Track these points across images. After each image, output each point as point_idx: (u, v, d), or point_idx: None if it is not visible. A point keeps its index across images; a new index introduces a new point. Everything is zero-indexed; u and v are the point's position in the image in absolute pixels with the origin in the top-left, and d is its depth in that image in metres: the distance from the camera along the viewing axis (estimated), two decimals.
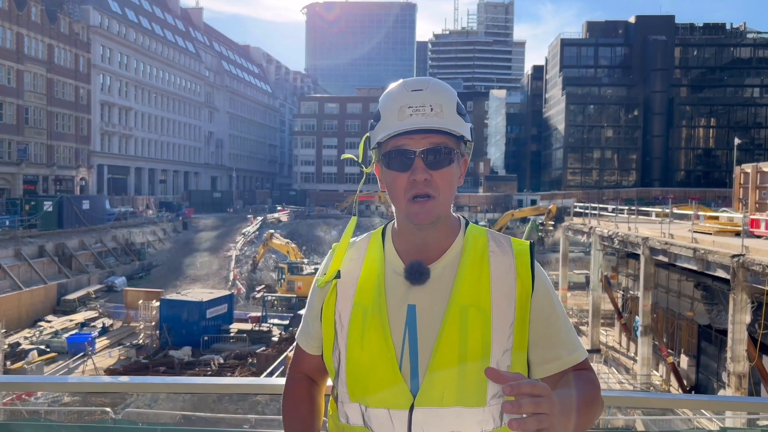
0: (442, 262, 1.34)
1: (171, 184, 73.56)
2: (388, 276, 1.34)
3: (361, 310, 1.32)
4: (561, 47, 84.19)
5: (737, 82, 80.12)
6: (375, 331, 1.29)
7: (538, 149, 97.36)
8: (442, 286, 1.31)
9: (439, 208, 1.31)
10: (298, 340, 1.50)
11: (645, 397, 2.44)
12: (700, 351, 19.49)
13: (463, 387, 1.25)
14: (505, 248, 1.37)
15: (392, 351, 1.27)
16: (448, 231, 1.38)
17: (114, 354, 23.30)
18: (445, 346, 1.25)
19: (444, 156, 1.31)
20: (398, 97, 1.32)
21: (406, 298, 1.31)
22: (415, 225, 1.33)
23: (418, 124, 1.28)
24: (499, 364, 1.27)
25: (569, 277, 31.76)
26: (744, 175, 23.36)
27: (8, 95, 46.50)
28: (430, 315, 1.28)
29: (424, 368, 1.26)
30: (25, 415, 13.04)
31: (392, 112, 1.31)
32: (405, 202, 1.31)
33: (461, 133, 1.32)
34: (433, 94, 1.31)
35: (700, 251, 15.88)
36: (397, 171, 1.31)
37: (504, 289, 1.31)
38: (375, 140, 1.35)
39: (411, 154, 1.30)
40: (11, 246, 32.51)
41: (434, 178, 1.30)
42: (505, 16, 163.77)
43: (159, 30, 70.99)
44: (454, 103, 1.33)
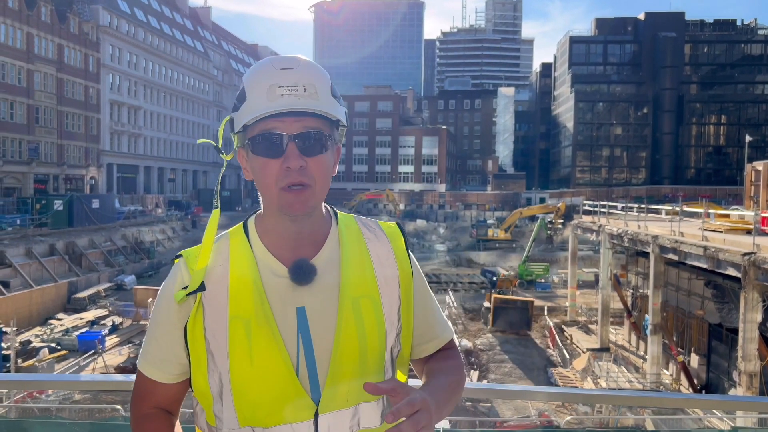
0: (322, 256, 1.23)
1: (180, 182, 73.88)
2: (266, 279, 1.20)
3: (242, 324, 1.16)
4: (570, 44, 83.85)
5: (748, 78, 79.53)
6: (265, 343, 1.15)
7: (546, 147, 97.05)
8: (328, 281, 1.21)
9: (315, 198, 1.20)
10: (146, 371, 1.26)
11: (655, 396, 2.42)
12: (710, 350, 19.37)
13: (365, 381, 1.16)
14: (378, 233, 1.31)
15: (288, 362, 1.15)
16: (322, 222, 1.28)
17: (124, 352, 23.42)
18: (345, 344, 1.18)
19: (318, 141, 1.19)
20: (267, 75, 1.18)
21: (292, 300, 1.19)
22: (289, 217, 1.20)
23: (290, 106, 1.15)
24: (392, 350, 1.24)
25: (578, 276, 31.67)
26: (755, 173, 23.17)
27: (19, 95, 46.82)
28: (322, 314, 1.19)
29: (324, 372, 1.17)
30: (36, 413, 13.14)
31: (260, 91, 1.17)
32: (277, 191, 1.18)
33: (337, 116, 1.21)
34: (306, 73, 1.18)
35: (711, 249, 15.78)
36: (267, 157, 1.18)
37: (387, 274, 1.26)
38: (241, 123, 1.20)
39: (282, 139, 1.17)
40: (22, 244, 32.75)
41: (309, 165, 1.18)
42: (513, 13, 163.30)
43: (168, 29, 71.27)
44: (328, 84, 1.21)
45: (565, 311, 30.58)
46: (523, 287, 36.74)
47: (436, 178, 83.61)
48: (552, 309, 31.15)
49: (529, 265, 38.91)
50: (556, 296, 35.10)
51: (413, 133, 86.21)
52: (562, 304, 31.99)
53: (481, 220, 59.11)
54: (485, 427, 10.82)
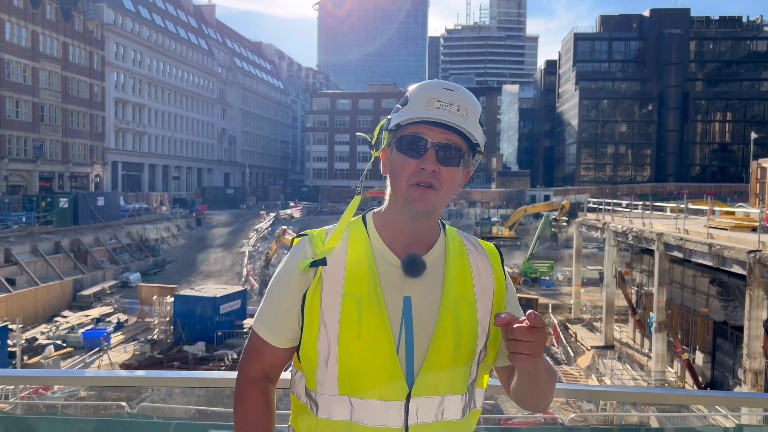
0: (432, 256, 1.37)
1: (184, 180, 74.01)
2: (381, 266, 1.33)
3: (355, 300, 1.29)
4: (574, 41, 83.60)
5: (754, 75, 79.15)
6: (374, 321, 1.28)
7: (551, 144, 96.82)
8: (436, 279, 1.35)
9: (438, 202, 1.33)
10: (260, 331, 1.40)
11: (659, 393, 2.42)
12: (715, 347, 19.32)
13: (454, 376, 1.31)
14: (479, 248, 1.45)
15: (392, 342, 1.28)
16: (436, 227, 1.42)
17: (129, 349, 23.51)
18: (443, 337, 1.30)
19: (455, 155, 1.33)
20: (430, 90, 1.34)
21: (401, 289, 1.31)
22: (410, 213, 1.34)
23: (442, 117, 1.30)
24: (480, 354, 1.36)
25: (583, 273, 31.60)
26: (761, 170, 23.10)
27: (24, 93, 46.97)
28: (426, 306, 1.32)
29: (421, 359, 1.29)
30: (42, 409, 13.22)
31: (421, 100, 1.33)
32: (407, 186, 1.32)
33: (477, 140, 1.34)
34: (463, 97, 1.34)
35: (716, 247, 15.73)
36: (409, 156, 1.33)
37: (484, 285, 1.39)
38: (396, 120, 1.35)
39: (426, 143, 1.32)
40: (28, 242, 32.89)
41: (441, 172, 1.32)
42: (517, 10, 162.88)
43: (172, 27, 71.35)
44: (479, 113, 1.36)
45: (570, 309, 30.54)
46: (527, 285, 36.69)
47: None
48: (556, 306, 31.11)
49: (534, 262, 38.84)
50: (560, 294, 35.05)
51: None
52: (567, 302, 31.95)
53: (486, 217, 59.03)
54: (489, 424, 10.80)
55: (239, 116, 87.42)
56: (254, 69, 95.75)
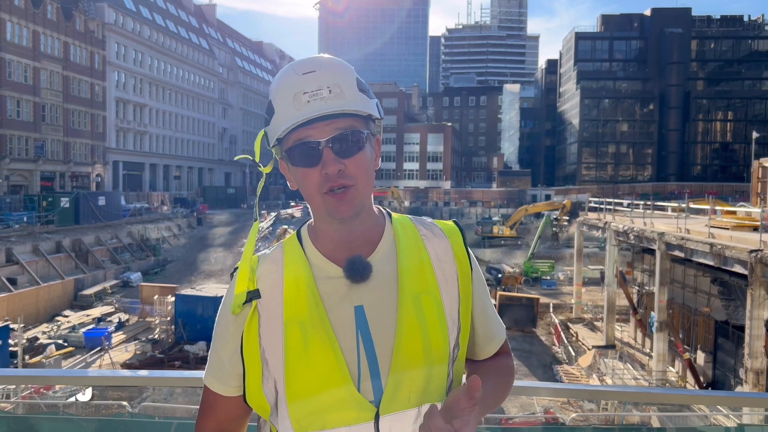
0: (378, 254, 1.21)
1: (185, 180, 74.05)
2: (321, 282, 1.19)
3: (298, 326, 1.15)
4: (575, 41, 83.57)
5: (755, 74, 79.08)
6: (320, 345, 1.13)
7: (552, 144, 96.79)
8: (387, 278, 1.19)
9: (359, 197, 1.18)
10: (209, 383, 1.25)
11: (660, 393, 2.41)
12: (716, 347, 19.31)
13: (429, 382, 1.16)
14: (436, 230, 1.28)
15: (342, 363, 1.13)
16: (374, 221, 1.25)
17: (130, 349, 23.53)
18: (407, 340, 1.15)
19: (354, 141, 1.17)
20: (290, 84, 1.16)
21: (349, 300, 1.17)
22: (337, 220, 1.19)
23: (318, 111, 1.13)
24: (453, 351, 1.21)
25: (584, 273, 31.60)
26: (762, 170, 23.07)
27: (25, 92, 47.00)
28: (382, 312, 1.16)
29: (386, 371, 1.14)
30: (43, 409, 13.23)
31: (287, 101, 1.16)
32: (321, 197, 1.17)
33: (368, 111, 1.18)
34: (327, 74, 1.16)
35: (717, 246, 15.72)
36: (305, 167, 1.17)
37: (446, 271, 1.23)
38: (274, 136, 1.18)
39: (317, 146, 1.15)
40: (29, 242, 32.92)
41: (348, 166, 1.16)
42: (518, 9, 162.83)
43: (173, 27, 71.37)
44: (353, 79, 1.19)
45: (571, 308, 30.53)
46: (528, 284, 36.69)
47: (441, 175, 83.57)
48: (557, 306, 31.12)
49: (535, 262, 38.84)
50: (561, 293, 35.04)
51: (418, 130, 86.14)
52: (568, 302, 31.94)
53: (486, 217, 59.00)
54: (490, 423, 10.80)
55: (240, 116, 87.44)
56: (255, 69, 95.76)
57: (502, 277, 36.04)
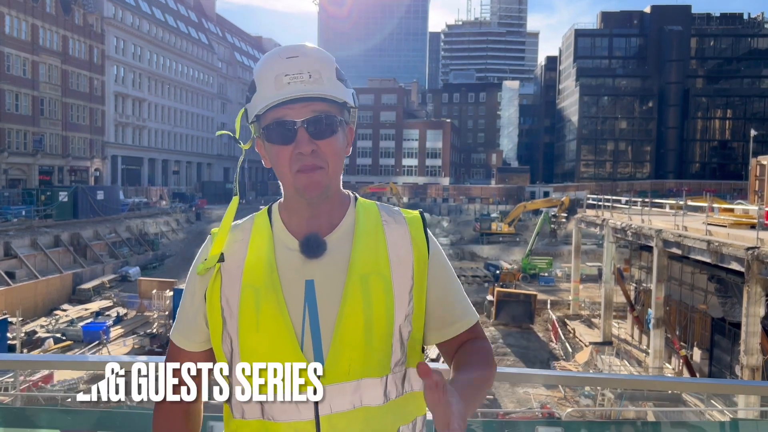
0: (336, 234, 1.28)
1: (184, 174, 73.97)
2: (280, 253, 1.27)
3: (253, 291, 1.23)
4: (575, 38, 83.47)
5: (754, 72, 79.06)
6: (271, 311, 1.20)
7: (551, 141, 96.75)
8: (340, 257, 1.25)
9: (328, 179, 1.26)
10: (174, 338, 1.34)
11: (654, 380, 2.45)
12: (713, 344, 19.39)
13: (369, 357, 1.20)
14: (398, 217, 1.34)
15: (291, 329, 1.20)
16: (339, 204, 1.33)
17: (128, 343, 23.57)
18: (349, 316, 1.20)
19: (328, 125, 1.25)
20: (273, 66, 1.25)
21: (302, 273, 1.24)
22: (306, 200, 1.27)
23: (297, 92, 1.21)
24: (402, 330, 1.24)
25: (581, 270, 31.67)
26: (760, 167, 23.13)
27: (24, 86, 46.90)
28: (330, 287, 1.23)
29: (328, 343, 1.20)
30: (41, 402, 13.26)
31: (269, 81, 1.24)
32: (291, 175, 1.25)
33: (343, 99, 1.27)
34: (310, 60, 1.24)
35: (714, 244, 15.77)
36: (280, 144, 1.25)
37: (401, 255, 1.28)
38: (253, 113, 1.29)
39: (293, 125, 1.23)
40: (27, 236, 32.90)
41: (321, 148, 1.24)
42: (518, 6, 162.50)
43: (172, 21, 71.17)
44: (333, 68, 1.27)
45: (568, 305, 30.60)
46: (526, 281, 36.76)
47: (440, 172, 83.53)
48: (555, 303, 31.19)
49: (533, 258, 38.91)
50: (559, 290, 35.11)
51: (417, 126, 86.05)
52: (565, 298, 32.01)
53: (485, 213, 59.05)
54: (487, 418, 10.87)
55: (239, 111, 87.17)
56: (254, 64, 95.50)
57: (500, 273, 36.09)
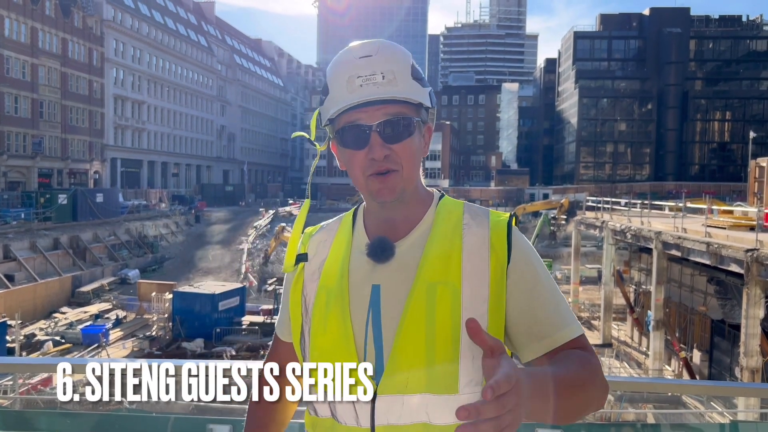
0: (409, 239, 1.24)
1: (183, 177, 73.96)
2: (354, 256, 1.25)
3: (326, 293, 1.23)
4: (574, 40, 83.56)
5: (753, 75, 79.15)
6: (336, 314, 1.20)
7: (550, 143, 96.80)
8: (409, 263, 1.20)
9: (402, 183, 1.21)
10: (276, 328, 1.43)
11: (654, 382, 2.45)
12: (712, 346, 19.38)
13: (431, 372, 1.12)
14: (482, 221, 1.24)
15: (350, 334, 1.18)
16: (418, 206, 1.27)
17: (127, 345, 23.54)
18: (410, 327, 1.14)
19: (403, 128, 1.20)
20: (346, 67, 1.20)
21: (370, 278, 1.21)
22: (380, 203, 1.23)
23: (369, 96, 1.16)
24: (473, 348, 1.10)
25: (581, 272, 31.65)
26: (759, 169, 23.15)
27: (23, 89, 46.91)
28: (395, 294, 1.18)
29: (388, 353, 1.15)
30: (41, 405, 13.24)
31: (341, 83, 1.19)
32: (364, 180, 1.21)
33: (419, 100, 1.21)
34: (383, 59, 1.19)
35: (714, 245, 15.77)
36: (353, 149, 1.21)
37: (477, 263, 1.18)
38: (326, 117, 1.24)
39: (366, 129, 1.19)
40: (27, 238, 32.88)
41: (395, 151, 1.19)
42: (517, 8, 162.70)
43: (171, 24, 71.23)
44: (409, 66, 1.21)
45: None
46: None
47: (439, 174, 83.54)
48: None
49: None
50: None
51: None
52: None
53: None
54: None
55: (238, 113, 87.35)
56: (253, 66, 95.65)
57: None
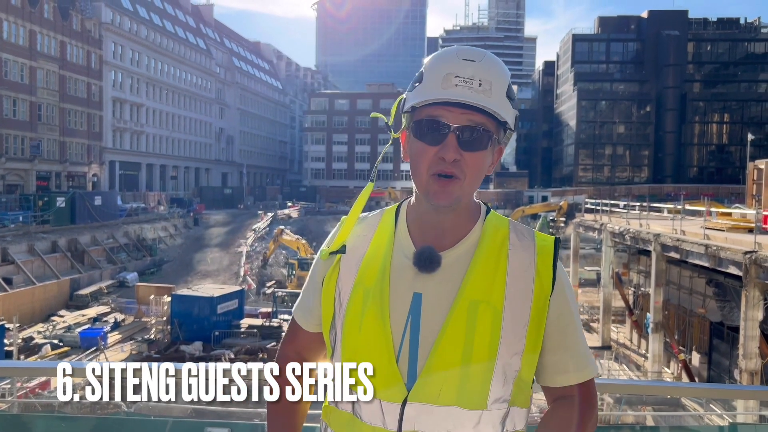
0: (455, 251, 1.23)
1: (182, 180, 73.93)
2: (396, 258, 1.24)
3: (363, 291, 1.22)
4: (572, 42, 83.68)
5: (751, 77, 79.29)
6: (374, 315, 1.20)
7: (549, 145, 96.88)
8: (453, 276, 1.20)
9: (461, 192, 1.20)
10: (295, 314, 1.39)
11: (654, 385, 2.44)
12: (711, 348, 19.37)
13: (463, 387, 1.15)
14: (527, 243, 1.24)
15: (389, 338, 1.18)
16: (467, 218, 1.26)
17: (126, 349, 23.49)
18: (449, 342, 1.16)
19: (480, 138, 1.19)
20: (447, 63, 1.20)
21: (412, 284, 1.20)
22: (432, 205, 1.22)
23: (461, 97, 1.16)
24: (506, 367, 1.17)
25: (580, 274, 31.66)
26: (757, 171, 23.17)
27: (21, 92, 46.89)
28: (437, 306, 1.18)
29: (423, 361, 1.16)
30: (38, 408, 13.20)
31: (437, 77, 1.19)
32: (427, 177, 1.20)
33: (504, 118, 1.20)
34: (485, 68, 1.20)
35: (713, 248, 15.77)
36: (427, 143, 1.20)
37: (521, 287, 1.19)
38: (410, 103, 1.22)
39: (446, 128, 1.18)
40: (25, 241, 32.83)
41: (464, 159, 1.18)
42: (516, 11, 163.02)
43: (170, 26, 71.27)
44: (506, 84, 1.22)
45: None
46: None
47: None
48: None
49: None
50: None
51: None
52: None
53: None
54: None
55: (237, 116, 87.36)
56: (252, 69, 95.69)
57: None
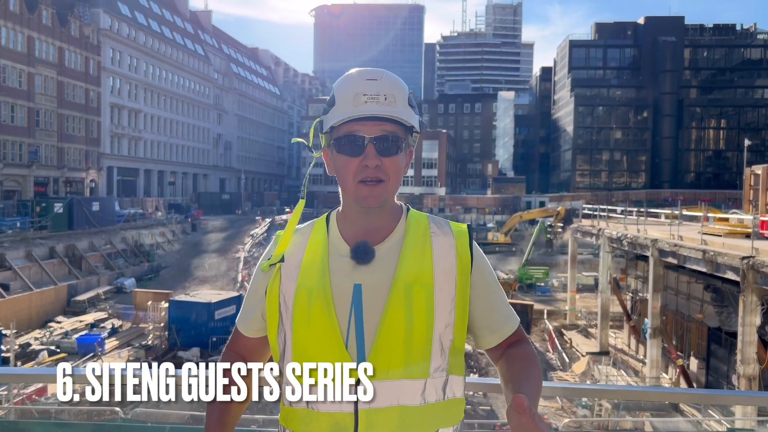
0: (386, 244, 1.40)
1: (180, 185, 73.86)
2: (333, 258, 1.39)
3: (306, 291, 1.36)
4: (569, 48, 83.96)
5: (747, 83, 79.60)
6: (320, 309, 1.33)
7: (546, 151, 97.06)
8: (387, 265, 1.37)
9: (387, 193, 1.39)
10: (237, 324, 1.54)
11: (650, 391, 2.44)
12: (709, 353, 19.37)
13: (408, 360, 1.31)
14: (446, 229, 1.45)
15: (336, 328, 1.32)
16: (393, 216, 1.45)
17: (123, 355, 23.41)
18: (391, 322, 1.31)
19: (394, 144, 1.38)
20: (354, 84, 1.38)
21: (351, 277, 1.36)
22: (362, 208, 1.40)
23: (372, 111, 1.34)
24: (442, 338, 1.35)
25: (578, 279, 31.66)
26: (754, 177, 23.21)
27: (19, 98, 46.88)
28: (376, 293, 1.34)
29: (370, 344, 1.31)
30: (35, 415, 13.14)
31: (348, 98, 1.37)
32: (354, 184, 1.38)
33: (411, 123, 1.39)
34: (386, 84, 1.38)
35: (710, 253, 15.79)
36: (349, 156, 1.38)
37: (445, 266, 1.38)
38: (328, 124, 1.40)
39: (363, 140, 1.36)
40: (22, 247, 32.75)
41: (384, 164, 1.37)
42: (513, 17, 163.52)
43: (168, 33, 71.36)
44: (406, 95, 1.40)
45: (565, 315, 30.56)
46: (522, 291, 36.70)
47: (436, 182, 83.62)
48: (551, 313, 31.12)
49: (529, 268, 38.88)
50: (555, 300, 35.07)
51: None
52: (562, 308, 31.97)
53: (481, 223, 59.10)
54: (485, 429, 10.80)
55: (235, 122, 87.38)
56: (250, 75, 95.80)
57: None
